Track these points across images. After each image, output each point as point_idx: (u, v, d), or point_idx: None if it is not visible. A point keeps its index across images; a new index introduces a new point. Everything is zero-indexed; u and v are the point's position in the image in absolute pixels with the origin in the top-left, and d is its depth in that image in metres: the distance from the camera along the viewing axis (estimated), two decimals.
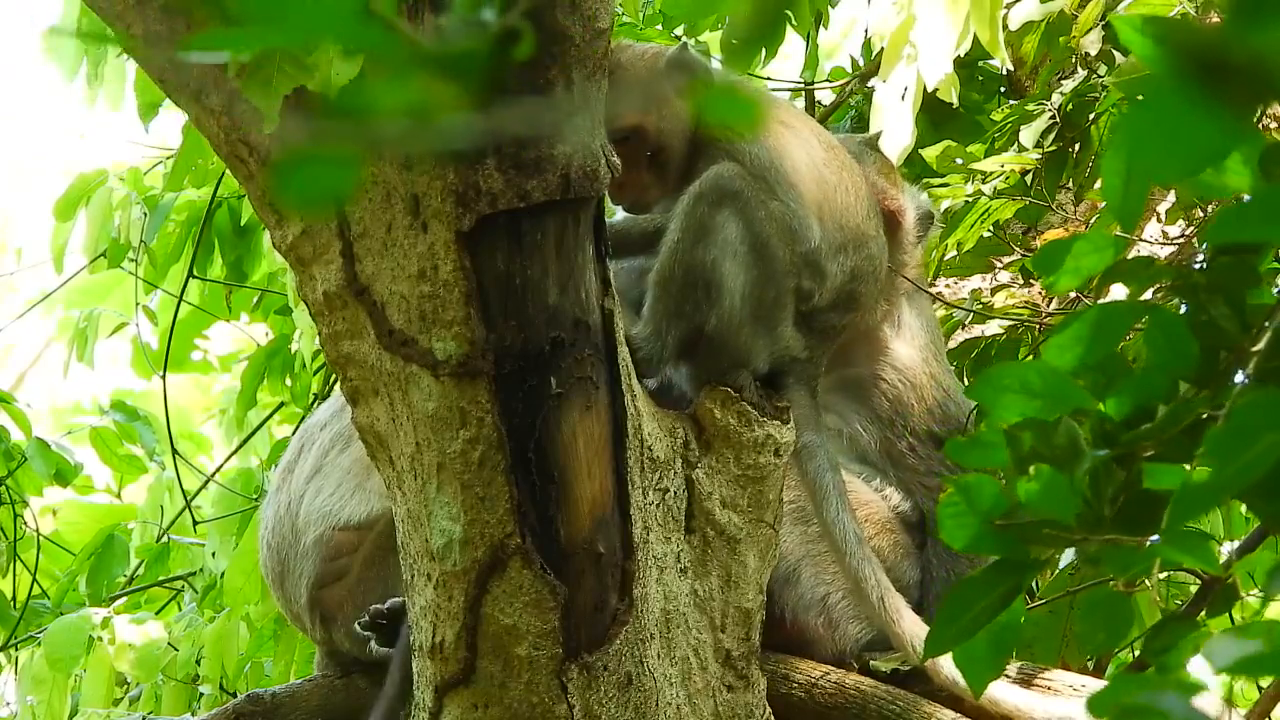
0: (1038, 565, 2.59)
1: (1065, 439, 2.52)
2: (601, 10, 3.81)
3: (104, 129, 14.20)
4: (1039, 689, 4.52)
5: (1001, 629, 2.62)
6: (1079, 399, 2.52)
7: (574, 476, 3.91)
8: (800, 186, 4.51)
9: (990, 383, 2.57)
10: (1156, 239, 5.72)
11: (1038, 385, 2.53)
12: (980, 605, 2.58)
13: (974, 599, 2.58)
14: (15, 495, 7.56)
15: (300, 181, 1.90)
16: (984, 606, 2.58)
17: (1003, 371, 2.56)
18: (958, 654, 2.66)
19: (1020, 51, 5.84)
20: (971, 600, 2.58)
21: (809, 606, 4.70)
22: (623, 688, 3.98)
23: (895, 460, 4.91)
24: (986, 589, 2.58)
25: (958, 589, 2.59)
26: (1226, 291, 2.51)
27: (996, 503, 2.55)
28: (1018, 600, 2.61)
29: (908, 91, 5.49)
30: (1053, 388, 2.53)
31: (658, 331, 4.36)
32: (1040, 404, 2.53)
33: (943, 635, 2.62)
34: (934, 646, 2.64)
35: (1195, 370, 2.48)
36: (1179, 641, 2.65)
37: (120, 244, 7.60)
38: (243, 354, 8.58)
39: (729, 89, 2.62)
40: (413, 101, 1.90)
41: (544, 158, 3.80)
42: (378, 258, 3.86)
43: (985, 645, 2.64)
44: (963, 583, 2.59)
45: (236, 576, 6.63)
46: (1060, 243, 2.66)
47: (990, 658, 2.66)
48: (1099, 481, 2.50)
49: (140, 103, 7.32)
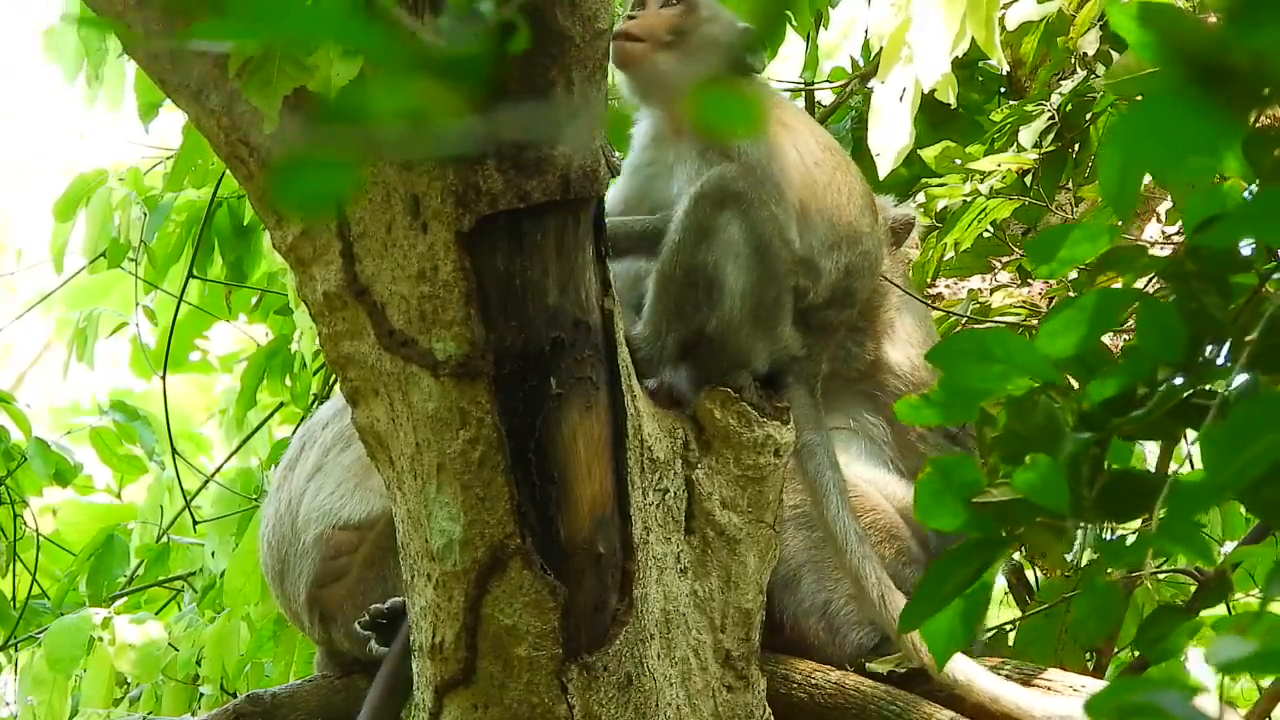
0: (1008, 543, 2.61)
1: (1043, 418, 2.53)
2: (601, 10, 3.81)
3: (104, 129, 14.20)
4: (1037, 688, 4.52)
5: (969, 600, 2.64)
6: (1040, 368, 2.54)
7: (574, 477, 3.91)
8: (786, 187, 4.51)
9: (949, 347, 2.60)
10: (1156, 239, 5.72)
11: (997, 351, 2.55)
12: (954, 580, 2.60)
13: (949, 574, 2.60)
14: (15, 495, 7.56)
15: (300, 182, 1.91)
16: (955, 582, 2.60)
17: (960, 337, 2.59)
18: (925, 628, 2.68)
19: (1019, 52, 5.84)
20: (947, 575, 2.60)
21: (810, 612, 4.70)
22: (622, 688, 3.98)
23: (906, 450, 4.91)
24: (961, 564, 2.60)
25: (936, 564, 2.62)
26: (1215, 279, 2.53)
27: (975, 482, 2.57)
28: (989, 571, 2.62)
29: (906, 92, 5.49)
30: (1012, 354, 2.55)
31: (657, 332, 4.36)
32: (999, 369, 2.55)
33: (919, 610, 2.64)
34: (908, 620, 2.66)
35: (1184, 356, 2.50)
36: (1173, 631, 2.67)
37: (120, 244, 7.60)
38: (242, 354, 8.57)
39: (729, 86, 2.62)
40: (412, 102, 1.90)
41: (544, 158, 3.80)
42: (378, 258, 3.86)
43: (951, 618, 2.66)
44: (940, 559, 2.62)
45: (236, 577, 6.63)
46: (1054, 231, 2.67)
47: (956, 631, 2.68)
48: (1078, 464, 2.52)
49: (140, 103, 7.32)
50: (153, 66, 3.99)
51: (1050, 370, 2.55)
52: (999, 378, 2.57)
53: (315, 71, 3.65)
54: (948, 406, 2.62)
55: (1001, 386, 2.58)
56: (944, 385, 2.62)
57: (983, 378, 2.57)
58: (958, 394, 2.60)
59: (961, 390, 2.60)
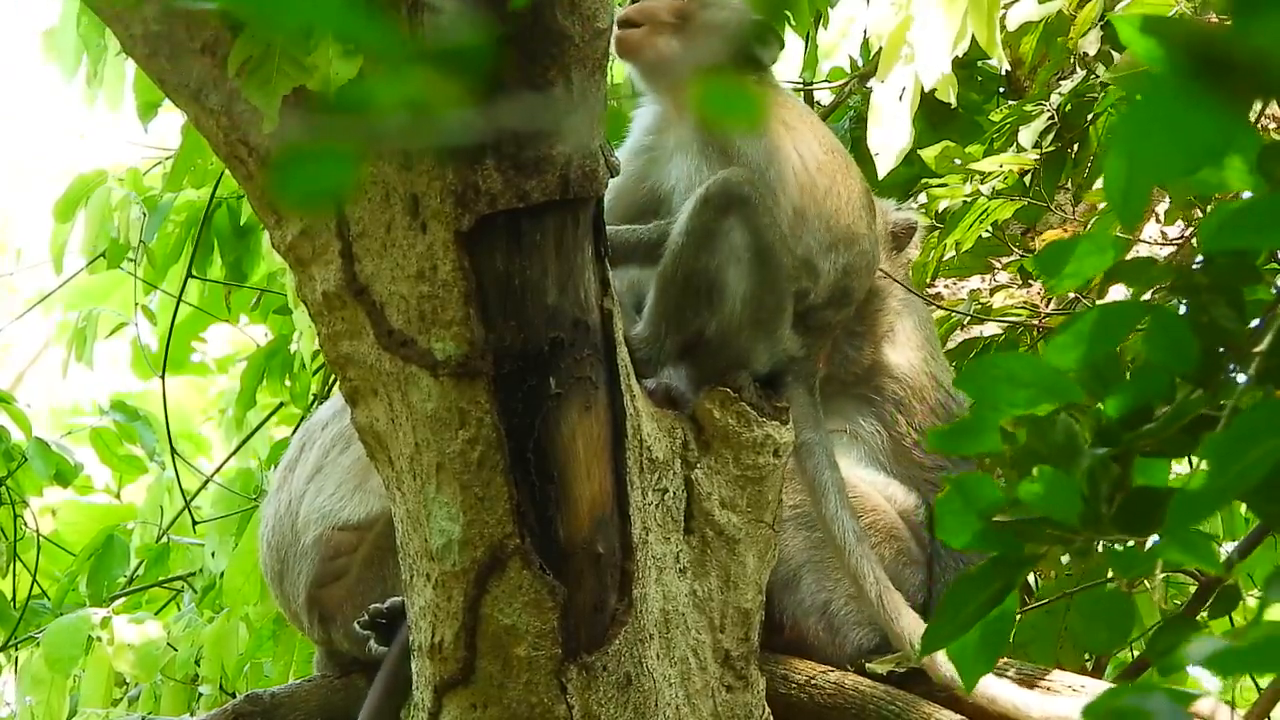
0: (1032, 561, 2.60)
1: (1063, 436, 2.52)
2: (601, 10, 3.81)
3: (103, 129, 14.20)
4: (1038, 689, 4.52)
5: (994, 624, 2.63)
6: (1068, 391, 2.52)
7: (573, 477, 3.91)
8: (786, 190, 4.50)
9: (978, 373, 2.58)
10: (1156, 240, 5.72)
11: (1026, 376, 2.54)
12: (976, 601, 2.59)
13: (970, 595, 2.59)
14: (15, 495, 7.56)
15: (299, 181, 1.90)
16: (979, 602, 2.59)
17: (991, 362, 2.57)
18: (952, 649, 2.67)
19: (1019, 52, 5.83)
20: (968, 597, 2.59)
21: (810, 612, 4.69)
22: (622, 688, 3.98)
23: (901, 456, 4.91)
24: (982, 585, 2.59)
25: (955, 586, 2.60)
26: (1227, 291, 2.52)
27: (994, 500, 2.55)
28: (1011, 596, 2.61)
29: (905, 92, 5.49)
30: (1041, 378, 2.53)
31: (657, 333, 4.36)
32: (1028, 394, 2.54)
33: (940, 631, 2.63)
34: (930, 643, 2.65)
35: (1195, 369, 2.49)
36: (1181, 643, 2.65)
37: (119, 244, 7.60)
38: (240, 355, 8.57)
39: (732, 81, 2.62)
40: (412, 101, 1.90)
41: (543, 158, 3.80)
42: (377, 258, 3.86)
43: (978, 640, 2.65)
44: (960, 579, 2.61)
45: (236, 577, 6.63)
46: (1062, 244, 2.66)
47: (983, 653, 2.67)
48: (1096, 480, 2.51)
49: (139, 103, 7.31)
50: (152, 66, 3.99)
51: (1077, 392, 2.53)
52: (1028, 402, 2.55)
53: (314, 70, 3.65)
54: (978, 434, 2.60)
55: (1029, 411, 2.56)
56: (974, 413, 2.60)
57: (1011, 402, 2.56)
58: (987, 421, 2.58)
59: (992, 417, 2.57)
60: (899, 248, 5.12)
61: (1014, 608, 2.64)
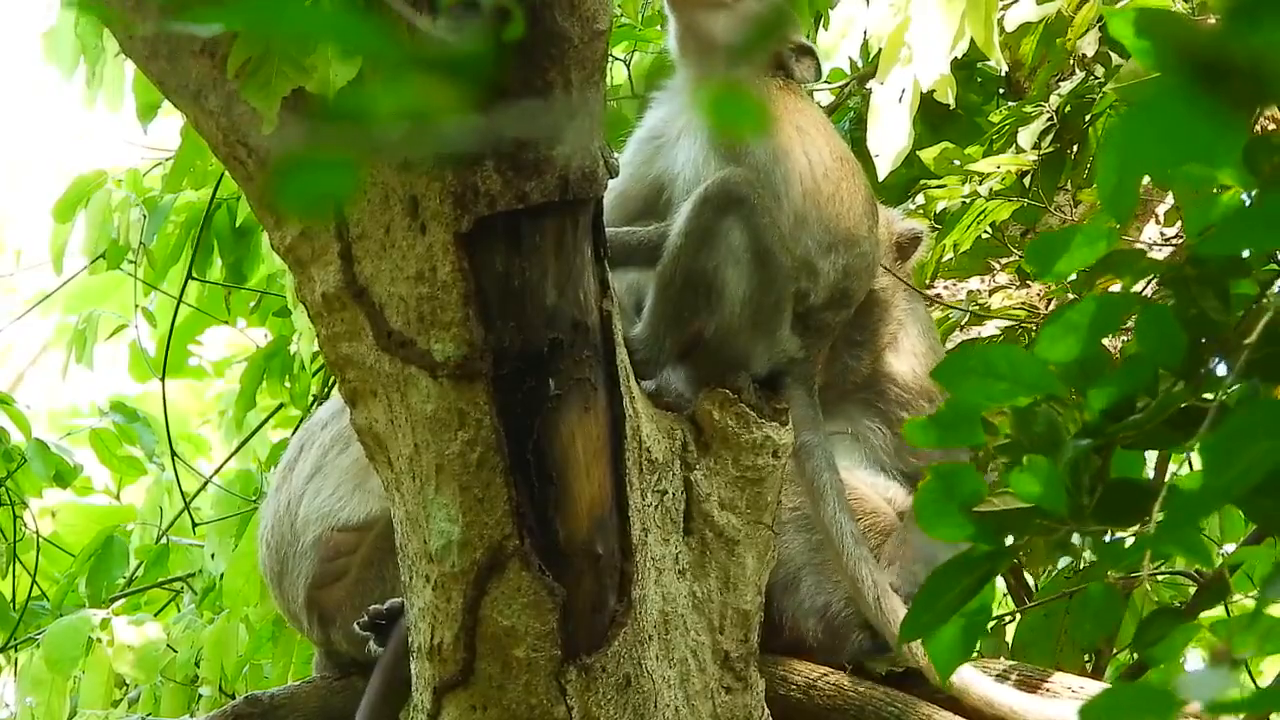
0: (1010, 553, 2.60)
1: (1044, 427, 2.52)
2: (600, 11, 3.81)
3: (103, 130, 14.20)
4: (1037, 691, 4.52)
5: (971, 615, 2.63)
6: (1046, 383, 2.53)
7: (572, 478, 3.91)
8: (790, 194, 4.50)
9: (954, 364, 2.58)
10: (1155, 240, 5.73)
11: (1002, 368, 2.54)
12: (953, 592, 2.59)
13: (947, 585, 2.60)
14: (15, 497, 7.55)
15: (298, 183, 1.90)
16: (956, 593, 2.59)
17: (967, 354, 2.58)
18: (927, 641, 2.67)
19: (1018, 53, 5.83)
20: (946, 587, 2.60)
21: (809, 613, 4.69)
22: (621, 689, 3.98)
23: (904, 457, 4.91)
24: (961, 575, 2.59)
25: (933, 576, 2.61)
26: (1215, 283, 2.52)
27: (975, 491, 2.56)
28: (988, 587, 2.62)
29: (904, 93, 5.49)
30: (1017, 371, 2.54)
31: (656, 334, 4.36)
32: (1005, 386, 2.54)
33: (917, 621, 2.63)
34: (909, 631, 2.66)
35: (1182, 362, 2.49)
36: (1170, 634, 2.66)
37: (119, 245, 7.59)
38: (237, 358, 8.57)
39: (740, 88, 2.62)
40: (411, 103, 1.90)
41: (542, 159, 3.80)
42: (376, 259, 3.86)
43: (954, 632, 2.65)
44: (938, 570, 2.61)
45: (235, 578, 6.63)
46: (1053, 235, 2.66)
47: (958, 644, 2.67)
48: (1078, 471, 2.51)
49: (139, 104, 7.31)
50: (151, 67, 3.99)
51: (1055, 384, 2.53)
52: (1005, 395, 2.55)
53: (314, 72, 3.65)
54: (954, 427, 2.60)
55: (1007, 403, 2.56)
56: (950, 405, 2.60)
57: (988, 395, 2.56)
58: (964, 413, 2.59)
59: (968, 409, 2.58)
60: (904, 258, 5.11)
61: (991, 599, 2.64)
